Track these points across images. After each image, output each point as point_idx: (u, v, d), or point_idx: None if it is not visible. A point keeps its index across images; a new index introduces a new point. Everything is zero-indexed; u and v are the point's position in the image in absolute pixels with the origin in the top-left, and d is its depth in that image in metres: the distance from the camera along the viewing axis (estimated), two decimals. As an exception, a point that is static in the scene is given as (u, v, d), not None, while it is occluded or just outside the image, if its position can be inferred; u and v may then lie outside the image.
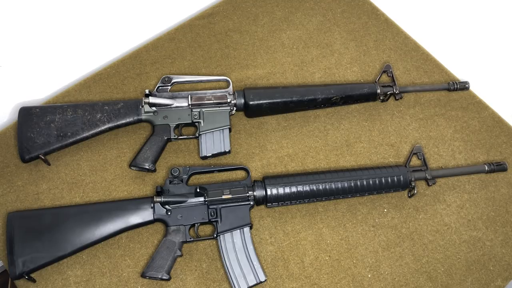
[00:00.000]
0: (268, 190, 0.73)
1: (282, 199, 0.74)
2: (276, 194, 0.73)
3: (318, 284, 0.73)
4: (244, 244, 0.71)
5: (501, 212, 0.81)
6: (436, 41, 0.96)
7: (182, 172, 0.75)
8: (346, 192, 0.75)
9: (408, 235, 0.78)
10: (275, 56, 0.94)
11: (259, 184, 0.74)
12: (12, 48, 0.77)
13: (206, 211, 0.72)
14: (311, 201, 0.76)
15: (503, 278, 0.76)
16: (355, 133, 0.87)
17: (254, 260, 0.70)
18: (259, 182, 0.74)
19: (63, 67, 0.87)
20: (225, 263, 0.71)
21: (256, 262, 0.71)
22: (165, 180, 0.75)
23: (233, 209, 0.73)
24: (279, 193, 0.73)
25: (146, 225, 0.72)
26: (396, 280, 0.74)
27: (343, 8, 1.02)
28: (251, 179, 0.76)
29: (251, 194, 0.73)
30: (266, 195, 0.73)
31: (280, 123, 0.87)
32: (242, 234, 0.72)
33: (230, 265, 0.71)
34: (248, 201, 0.73)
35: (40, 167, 0.80)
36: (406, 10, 0.99)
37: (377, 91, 0.86)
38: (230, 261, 0.71)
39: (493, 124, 0.90)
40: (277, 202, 0.74)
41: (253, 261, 0.70)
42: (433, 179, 0.78)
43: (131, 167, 0.78)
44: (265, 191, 0.73)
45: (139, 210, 0.72)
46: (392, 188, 0.76)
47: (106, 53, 0.92)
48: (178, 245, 0.71)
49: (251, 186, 0.74)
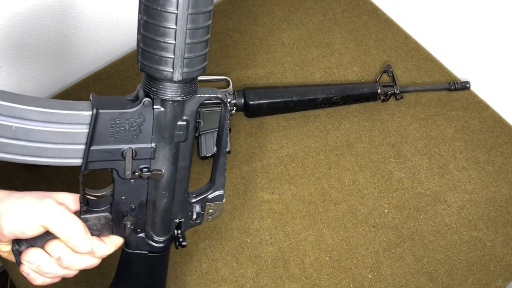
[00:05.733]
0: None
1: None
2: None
3: (318, 285, 0.73)
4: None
5: (502, 212, 0.81)
6: (437, 40, 0.96)
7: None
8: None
9: (408, 236, 0.78)
10: (275, 55, 0.94)
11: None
12: (12, 48, 0.77)
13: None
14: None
15: (504, 278, 0.76)
16: (356, 133, 0.87)
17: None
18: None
19: (63, 67, 0.87)
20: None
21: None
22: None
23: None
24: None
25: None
26: (397, 280, 0.74)
27: (343, 7, 1.01)
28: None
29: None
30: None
31: (280, 123, 0.87)
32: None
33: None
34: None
35: (39, 167, 0.79)
36: (407, 9, 0.99)
37: (378, 91, 0.86)
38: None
39: (494, 124, 0.89)
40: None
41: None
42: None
43: (131, 167, 0.78)
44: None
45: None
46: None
47: (106, 53, 0.92)
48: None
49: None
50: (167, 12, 0.38)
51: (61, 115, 0.42)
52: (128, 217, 0.51)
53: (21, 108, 0.41)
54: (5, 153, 0.42)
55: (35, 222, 0.46)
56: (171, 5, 0.38)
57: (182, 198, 0.53)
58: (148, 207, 0.51)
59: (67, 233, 0.46)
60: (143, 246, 0.54)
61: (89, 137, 0.43)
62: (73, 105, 0.43)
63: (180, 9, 0.38)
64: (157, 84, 0.42)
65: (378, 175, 0.83)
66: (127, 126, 0.44)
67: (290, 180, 0.81)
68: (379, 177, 0.83)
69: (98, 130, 0.43)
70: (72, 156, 0.44)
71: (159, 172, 0.48)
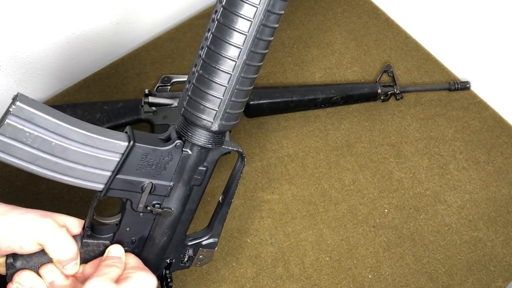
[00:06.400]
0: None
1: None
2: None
3: (318, 285, 0.73)
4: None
5: (502, 212, 0.81)
6: (437, 40, 0.96)
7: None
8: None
9: (408, 236, 0.78)
10: (275, 55, 0.94)
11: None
12: (11, 48, 0.77)
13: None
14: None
15: (504, 278, 0.76)
16: (356, 133, 0.87)
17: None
18: None
19: (63, 67, 0.87)
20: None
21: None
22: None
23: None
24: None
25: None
26: (397, 280, 0.74)
27: (343, 7, 1.01)
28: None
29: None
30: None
31: (280, 123, 0.87)
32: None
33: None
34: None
35: (39, 167, 0.79)
36: (407, 9, 0.99)
37: (378, 91, 0.86)
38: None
39: (494, 124, 0.89)
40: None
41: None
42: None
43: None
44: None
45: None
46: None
47: (106, 53, 0.92)
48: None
49: None
50: (223, 71, 0.43)
51: (99, 141, 0.44)
52: (126, 250, 0.52)
53: (66, 127, 0.43)
54: (36, 166, 0.43)
55: (33, 239, 0.46)
56: (229, 67, 0.43)
57: (180, 239, 0.54)
58: (148, 243, 0.53)
59: (61, 253, 0.47)
60: None
61: (118, 165, 0.45)
62: (111, 133, 0.45)
63: (234, 71, 0.43)
64: (194, 130, 0.46)
65: (378, 175, 0.83)
66: (155, 162, 0.47)
67: (290, 180, 0.81)
68: (379, 177, 0.83)
69: (128, 161, 0.45)
70: (96, 180, 0.46)
71: (169, 210, 0.50)
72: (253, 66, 0.44)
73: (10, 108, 0.40)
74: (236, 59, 0.42)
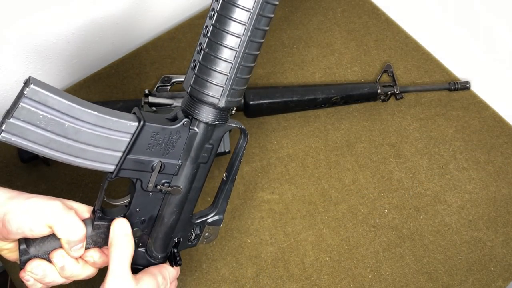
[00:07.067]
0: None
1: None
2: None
3: (318, 285, 0.73)
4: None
5: (502, 212, 0.81)
6: (437, 40, 0.96)
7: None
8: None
9: (408, 236, 0.78)
10: (275, 55, 0.94)
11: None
12: (11, 48, 0.77)
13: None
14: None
15: (504, 278, 0.76)
16: (356, 133, 0.87)
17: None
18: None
19: (63, 67, 0.87)
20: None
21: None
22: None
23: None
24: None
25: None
26: (397, 280, 0.74)
27: (343, 7, 1.01)
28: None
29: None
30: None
31: (280, 123, 0.87)
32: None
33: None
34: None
35: (39, 167, 0.79)
36: (407, 9, 0.99)
37: (378, 91, 0.86)
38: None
39: (494, 124, 0.89)
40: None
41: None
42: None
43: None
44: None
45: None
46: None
47: (106, 53, 0.92)
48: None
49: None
50: (229, 48, 0.44)
51: (111, 121, 0.45)
52: (137, 230, 0.53)
53: (79, 108, 0.43)
54: (49, 149, 0.43)
55: (43, 221, 0.46)
56: (235, 44, 0.44)
57: (187, 218, 0.55)
58: (157, 222, 0.53)
59: (70, 233, 0.47)
60: (141, 260, 0.56)
61: (129, 145, 0.46)
62: (121, 114, 0.46)
63: (240, 48, 0.45)
64: (201, 107, 0.47)
65: (378, 175, 0.83)
66: (164, 141, 0.47)
67: (290, 180, 0.81)
68: (379, 177, 0.83)
69: (139, 140, 0.46)
70: (107, 161, 0.47)
71: (178, 188, 0.51)
72: (256, 43, 0.46)
73: (24, 91, 0.40)
74: (241, 36, 0.44)
